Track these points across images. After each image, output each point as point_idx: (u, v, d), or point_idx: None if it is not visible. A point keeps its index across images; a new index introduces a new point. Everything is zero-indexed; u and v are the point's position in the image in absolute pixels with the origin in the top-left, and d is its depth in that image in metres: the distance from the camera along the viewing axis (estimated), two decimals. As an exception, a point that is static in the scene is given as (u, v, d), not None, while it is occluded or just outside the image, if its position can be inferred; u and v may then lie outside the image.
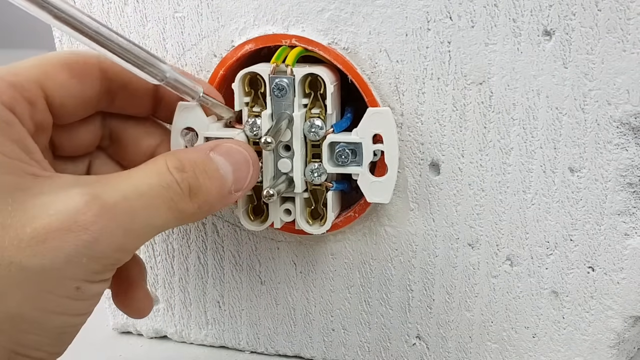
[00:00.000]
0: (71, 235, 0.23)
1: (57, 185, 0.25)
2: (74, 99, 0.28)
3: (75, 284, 0.24)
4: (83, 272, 0.24)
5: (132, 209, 0.25)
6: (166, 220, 0.26)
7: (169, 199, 0.26)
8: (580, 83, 0.29)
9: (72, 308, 0.25)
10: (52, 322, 0.24)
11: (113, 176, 0.26)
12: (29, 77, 0.27)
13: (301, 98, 0.31)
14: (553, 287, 0.32)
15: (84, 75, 0.28)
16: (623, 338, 0.32)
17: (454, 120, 0.31)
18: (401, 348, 0.35)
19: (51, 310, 0.24)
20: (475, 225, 0.32)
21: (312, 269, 0.36)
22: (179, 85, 0.29)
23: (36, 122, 0.27)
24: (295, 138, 0.31)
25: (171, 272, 0.38)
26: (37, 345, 0.25)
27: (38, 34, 1.28)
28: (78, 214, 0.24)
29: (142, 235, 0.26)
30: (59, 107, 0.28)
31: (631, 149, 0.29)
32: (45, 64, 0.27)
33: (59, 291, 0.24)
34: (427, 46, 0.31)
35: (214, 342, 0.39)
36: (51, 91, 0.27)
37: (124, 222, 0.25)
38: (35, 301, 0.24)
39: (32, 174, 0.25)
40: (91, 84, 0.29)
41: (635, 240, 0.30)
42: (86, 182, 0.25)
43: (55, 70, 0.27)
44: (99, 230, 0.24)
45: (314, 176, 0.32)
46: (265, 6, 0.32)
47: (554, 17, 0.29)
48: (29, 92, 0.26)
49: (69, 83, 0.28)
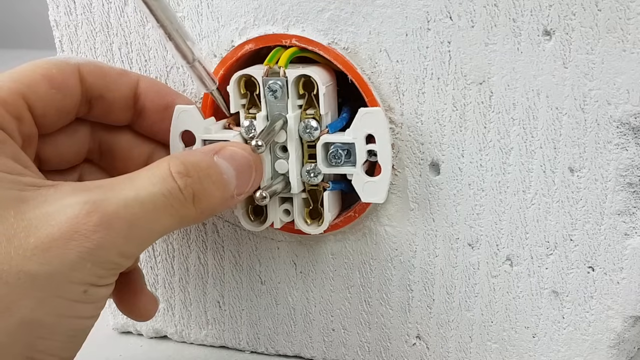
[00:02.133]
0: (73, 243, 0.24)
1: (58, 194, 0.25)
2: (55, 109, 0.29)
3: (83, 288, 0.25)
4: (88, 276, 0.25)
5: (133, 217, 0.25)
6: (168, 225, 0.26)
7: (171, 206, 0.26)
8: (580, 83, 0.29)
9: (81, 311, 0.25)
10: (64, 325, 0.25)
11: (114, 181, 0.26)
12: (11, 91, 0.27)
13: (295, 99, 0.31)
14: (553, 287, 0.32)
15: (63, 86, 0.28)
16: (623, 338, 0.32)
17: (454, 120, 0.31)
18: (401, 348, 0.35)
19: (63, 314, 0.25)
20: (475, 225, 0.32)
21: (312, 269, 0.36)
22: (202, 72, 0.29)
23: (24, 135, 0.27)
24: (290, 139, 0.31)
25: (171, 272, 0.38)
26: (50, 350, 0.25)
27: (38, 34, 1.29)
28: (79, 224, 0.24)
29: (143, 241, 0.26)
30: (41, 117, 0.28)
31: (631, 149, 0.29)
32: (25, 76, 0.28)
33: (68, 295, 0.24)
34: (427, 46, 0.31)
35: (214, 342, 0.39)
36: (33, 102, 0.28)
37: (125, 229, 0.25)
38: (47, 306, 0.24)
39: (33, 185, 0.25)
40: (70, 92, 0.29)
41: (635, 240, 0.30)
42: (87, 189, 0.25)
43: (36, 82, 0.28)
44: (100, 238, 0.24)
45: (310, 177, 0.32)
46: (265, 6, 0.32)
47: (554, 17, 0.29)
48: (14, 106, 0.27)
49: (50, 94, 0.28)
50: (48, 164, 0.31)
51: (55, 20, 0.35)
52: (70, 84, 0.29)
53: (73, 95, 0.29)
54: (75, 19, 0.35)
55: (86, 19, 0.35)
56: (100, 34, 0.35)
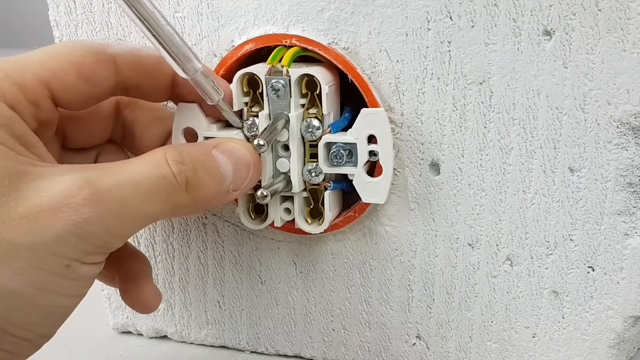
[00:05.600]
0: (61, 215, 0.24)
1: (54, 171, 0.25)
2: (82, 97, 0.28)
3: (65, 262, 0.25)
4: (72, 250, 0.24)
5: (125, 196, 0.25)
6: (159, 210, 0.27)
7: (163, 190, 0.26)
8: (580, 83, 0.29)
9: (62, 287, 0.25)
10: (41, 299, 0.25)
11: (111, 164, 0.26)
12: (35, 77, 0.27)
13: (298, 98, 0.31)
14: (553, 287, 0.32)
15: (93, 77, 0.28)
16: (623, 338, 0.32)
17: (454, 120, 0.31)
18: (401, 348, 0.35)
19: (41, 287, 0.24)
20: (475, 225, 0.32)
21: (312, 269, 0.36)
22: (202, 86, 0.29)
23: (40, 120, 0.27)
24: (292, 138, 0.31)
25: (171, 272, 0.38)
26: (25, 325, 0.25)
27: (38, 33, 1.28)
28: (69, 197, 0.24)
29: (133, 222, 0.26)
30: (66, 104, 0.28)
31: (631, 148, 0.29)
32: (54, 63, 0.27)
33: (49, 268, 0.24)
34: (427, 46, 0.31)
35: (214, 342, 0.39)
36: (58, 91, 0.27)
37: (115, 208, 0.25)
38: (25, 277, 0.24)
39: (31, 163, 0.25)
40: (100, 84, 0.28)
41: (635, 240, 0.30)
42: (82, 169, 0.26)
43: (63, 70, 0.27)
44: (88, 212, 0.24)
45: (312, 176, 0.32)
46: (265, 6, 0.32)
47: (554, 17, 0.29)
48: (33, 93, 0.27)
49: (76, 84, 0.28)
50: (71, 141, 0.31)
51: (56, 20, 0.35)
52: (103, 75, 0.28)
53: (104, 86, 0.29)
54: (76, 18, 0.35)
55: (86, 19, 0.35)
56: (100, 34, 0.35)
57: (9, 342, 0.25)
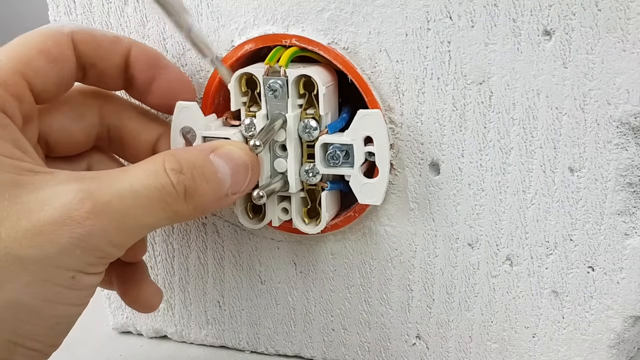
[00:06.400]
0: (65, 228, 0.24)
1: (54, 181, 0.25)
2: (53, 82, 0.29)
3: (70, 274, 0.25)
4: (77, 262, 0.25)
5: (125, 208, 0.25)
6: (159, 219, 0.27)
7: (163, 200, 0.26)
8: (580, 83, 0.29)
9: (67, 297, 0.25)
10: (48, 310, 0.25)
11: (110, 173, 0.26)
12: (12, 71, 0.27)
13: (295, 99, 0.31)
14: (553, 287, 0.32)
15: (60, 58, 0.29)
16: (623, 338, 0.32)
17: (454, 120, 0.31)
18: (401, 348, 0.35)
19: (48, 298, 0.25)
20: (475, 225, 0.32)
21: (312, 269, 0.36)
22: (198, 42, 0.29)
23: (24, 115, 0.28)
24: (289, 139, 0.31)
25: (171, 272, 0.38)
26: (34, 336, 0.25)
27: (38, 33, 1.28)
28: (72, 210, 0.24)
29: (134, 232, 0.26)
30: (41, 93, 0.28)
31: (631, 148, 0.29)
32: (23, 53, 0.28)
33: (55, 280, 0.25)
34: (427, 46, 0.31)
35: (214, 342, 0.39)
36: (32, 79, 0.28)
37: (117, 219, 0.25)
38: (33, 289, 0.24)
39: (30, 170, 0.25)
40: (66, 64, 0.29)
41: (635, 240, 0.30)
42: (82, 178, 0.26)
43: (34, 58, 0.28)
44: (91, 225, 0.24)
45: (309, 176, 0.32)
46: (265, 6, 0.32)
47: (554, 17, 0.29)
48: (15, 87, 0.27)
49: (47, 68, 0.28)
50: (56, 149, 0.31)
51: (55, 19, 0.35)
52: (66, 54, 0.29)
53: (69, 66, 0.29)
54: (75, 18, 0.35)
55: (86, 19, 0.35)
56: (100, 34, 0.35)
57: (20, 353, 0.25)
